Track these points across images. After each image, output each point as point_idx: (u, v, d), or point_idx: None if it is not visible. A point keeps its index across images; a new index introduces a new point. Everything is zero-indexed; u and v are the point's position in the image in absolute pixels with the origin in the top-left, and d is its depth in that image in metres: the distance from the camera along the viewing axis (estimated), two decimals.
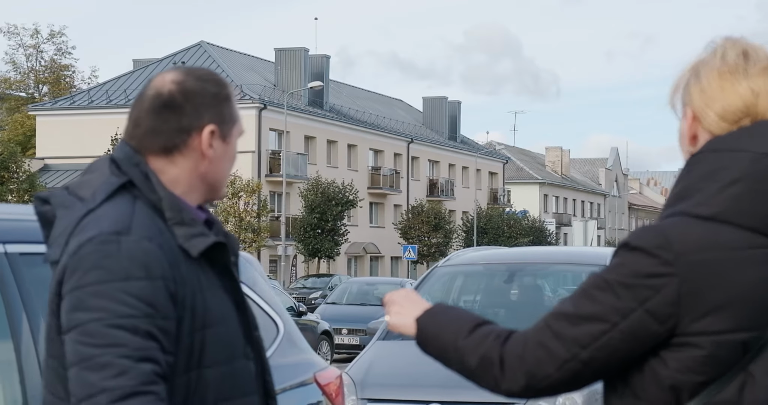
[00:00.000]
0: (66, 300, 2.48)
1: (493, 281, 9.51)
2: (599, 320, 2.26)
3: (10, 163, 46.49)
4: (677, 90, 2.45)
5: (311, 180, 56.12)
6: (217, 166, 2.73)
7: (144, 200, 2.62)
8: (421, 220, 63.25)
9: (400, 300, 2.61)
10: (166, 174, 2.68)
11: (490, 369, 2.35)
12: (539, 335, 2.31)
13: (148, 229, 2.54)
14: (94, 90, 61.66)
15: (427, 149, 75.57)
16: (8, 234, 3.50)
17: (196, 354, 2.57)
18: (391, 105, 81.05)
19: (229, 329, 2.66)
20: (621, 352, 2.27)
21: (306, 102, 64.05)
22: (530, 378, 2.30)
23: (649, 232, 2.29)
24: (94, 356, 2.40)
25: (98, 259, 2.46)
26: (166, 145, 2.67)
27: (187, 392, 2.56)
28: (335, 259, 58.55)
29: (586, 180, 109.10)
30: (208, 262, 2.66)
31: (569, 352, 2.27)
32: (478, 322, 2.44)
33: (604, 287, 2.28)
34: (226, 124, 2.72)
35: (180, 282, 2.54)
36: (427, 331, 2.49)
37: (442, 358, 2.46)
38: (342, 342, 24.07)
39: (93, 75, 71.41)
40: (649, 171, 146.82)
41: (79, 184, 2.67)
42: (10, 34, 68.10)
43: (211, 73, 2.77)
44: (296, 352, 4.98)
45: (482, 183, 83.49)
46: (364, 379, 8.03)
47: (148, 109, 2.68)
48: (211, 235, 2.67)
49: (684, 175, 2.38)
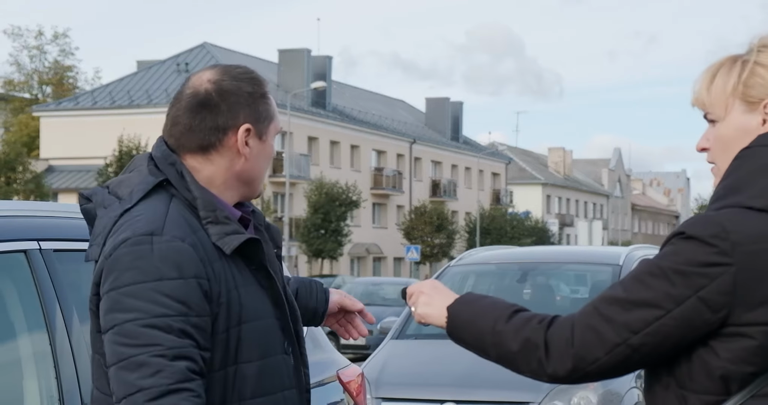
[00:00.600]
0: (103, 301, 2.54)
1: (505, 281, 9.53)
2: (652, 306, 2.29)
3: (16, 164, 46.55)
4: (733, 87, 2.45)
5: (314, 181, 56.13)
6: (254, 165, 2.77)
7: (180, 198, 2.67)
8: (424, 220, 63.24)
9: (428, 290, 2.63)
10: (202, 172, 2.72)
11: (534, 352, 2.37)
12: (588, 319, 2.34)
13: (181, 229, 2.58)
14: (98, 91, 61.66)
15: (429, 150, 75.58)
16: (43, 231, 3.53)
17: (233, 350, 2.61)
18: (394, 106, 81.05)
19: (266, 325, 2.70)
20: (672, 339, 2.29)
21: (309, 103, 64.07)
22: (579, 361, 2.33)
23: (705, 221, 2.32)
24: (131, 356, 2.46)
25: (132, 261, 2.52)
26: (202, 143, 2.72)
27: (224, 387, 2.61)
28: (338, 260, 58.55)
29: (589, 181, 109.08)
30: (243, 259, 2.69)
31: (620, 336, 2.30)
32: (516, 308, 2.48)
33: (658, 274, 2.31)
34: (261, 122, 2.76)
35: (214, 279, 2.58)
36: (461, 318, 2.51)
37: (478, 344, 2.48)
38: (348, 342, 24.05)
39: (96, 76, 71.29)
40: (651, 171, 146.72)
41: (118, 182, 2.72)
42: (14, 36, 68.11)
43: (247, 72, 2.80)
44: (318, 351, 5.00)
45: (485, 184, 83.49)
46: (379, 377, 8.05)
47: (185, 107, 2.72)
48: (245, 232, 2.69)
49: (735, 169, 2.41)
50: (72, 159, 57.54)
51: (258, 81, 2.79)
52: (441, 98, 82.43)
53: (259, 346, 2.66)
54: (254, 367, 2.65)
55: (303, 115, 61.05)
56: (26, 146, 57.82)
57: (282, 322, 2.76)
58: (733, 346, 2.28)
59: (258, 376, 2.65)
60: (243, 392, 2.63)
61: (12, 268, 3.42)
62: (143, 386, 2.43)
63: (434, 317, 2.58)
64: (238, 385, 2.62)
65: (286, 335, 2.76)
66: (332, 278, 46.31)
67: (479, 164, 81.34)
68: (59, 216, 3.69)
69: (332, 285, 42.46)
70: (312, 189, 54.99)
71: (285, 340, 2.76)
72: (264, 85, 2.80)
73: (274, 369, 2.70)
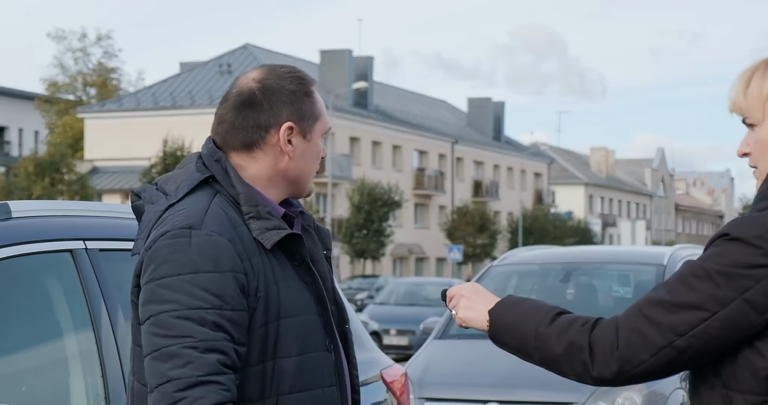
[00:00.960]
0: (142, 292, 2.58)
1: (548, 281, 9.49)
2: (697, 308, 2.28)
3: (61, 166, 46.94)
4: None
5: (357, 181, 56.20)
6: (299, 163, 2.78)
7: (224, 194, 2.71)
8: (467, 221, 63.17)
9: (469, 294, 2.63)
10: (247, 170, 2.75)
11: (579, 355, 2.37)
12: (633, 321, 2.34)
13: (221, 223, 2.61)
14: (141, 92, 62.05)
15: (471, 150, 75.48)
16: (88, 231, 3.57)
17: (271, 344, 2.63)
18: (436, 106, 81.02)
19: (307, 321, 2.70)
20: (717, 341, 2.29)
21: (350, 103, 64.16)
22: (624, 363, 2.33)
23: (749, 223, 2.31)
24: (164, 346, 2.49)
25: (169, 253, 2.55)
26: (246, 141, 2.75)
27: (262, 382, 2.62)
28: (380, 260, 58.59)
29: (632, 180, 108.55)
30: (285, 254, 2.71)
31: (665, 338, 2.30)
32: (558, 311, 2.47)
33: (703, 276, 2.30)
34: (305, 121, 2.78)
35: (252, 274, 2.60)
36: (503, 321, 2.50)
37: (521, 348, 2.48)
38: (391, 343, 24.05)
39: (140, 78, 71.77)
40: (695, 171, 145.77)
41: (166, 179, 2.77)
42: (58, 39, 68.54)
43: (293, 71, 2.82)
44: (362, 350, 5.00)
45: (527, 184, 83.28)
46: (422, 378, 8.04)
47: (231, 106, 2.77)
48: (287, 228, 2.71)
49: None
50: (116, 160, 57.91)
51: (303, 79, 2.81)
52: (483, 98, 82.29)
53: (298, 341, 2.66)
54: (293, 363, 2.65)
55: (345, 116, 61.15)
56: (71, 148, 58.26)
57: (324, 319, 2.76)
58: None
59: (297, 372, 2.66)
60: (281, 387, 2.64)
61: (58, 268, 3.46)
62: (173, 376, 2.46)
63: (476, 321, 2.59)
64: (277, 379, 2.63)
65: (328, 332, 2.77)
66: (374, 278, 46.37)
67: (521, 164, 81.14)
68: (105, 216, 3.73)
69: (375, 285, 42.49)
70: (354, 189, 55.05)
71: (327, 337, 2.76)
72: (309, 84, 2.82)
73: (314, 365, 2.70)
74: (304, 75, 2.83)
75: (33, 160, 47.21)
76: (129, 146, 57.40)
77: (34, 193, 44.72)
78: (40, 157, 48.25)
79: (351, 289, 44.28)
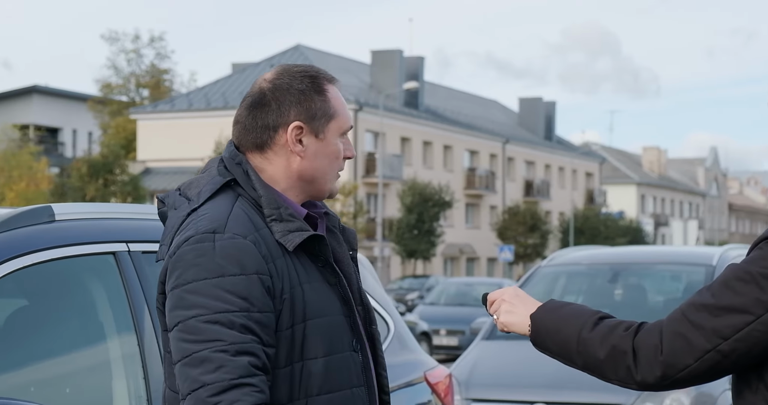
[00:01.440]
0: (168, 298, 2.57)
1: (596, 281, 9.44)
2: (742, 312, 2.26)
3: (114, 166, 47.29)
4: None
5: (408, 181, 56.17)
6: (312, 163, 2.74)
7: (246, 197, 2.69)
8: (518, 221, 62.96)
9: (510, 298, 2.60)
10: (265, 171, 2.74)
11: (622, 360, 2.34)
12: (677, 326, 2.31)
13: (244, 226, 2.60)
14: (194, 93, 62.38)
15: (522, 150, 75.21)
16: (131, 233, 3.58)
17: (298, 346, 2.61)
18: (487, 106, 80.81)
19: (333, 321, 2.69)
20: (762, 345, 2.26)
21: (401, 103, 64.13)
22: (668, 368, 2.30)
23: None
24: (194, 352, 2.48)
25: (194, 258, 2.54)
26: (257, 142, 2.74)
27: (291, 384, 2.61)
28: (431, 260, 58.53)
29: (685, 180, 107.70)
30: (309, 256, 2.69)
31: (710, 342, 2.27)
32: (601, 315, 2.44)
33: (748, 279, 2.27)
34: (316, 120, 2.73)
35: (276, 276, 2.59)
36: (545, 326, 2.48)
37: (563, 353, 2.45)
38: (440, 343, 24.01)
39: (192, 79, 72.07)
40: (749, 170, 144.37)
41: (189, 184, 2.76)
42: (111, 40, 69.06)
43: (306, 70, 2.78)
44: (406, 352, 5.01)
45: (578, 183, 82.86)
46: (469, 378, 8.03)
47: (244, 107, 2.77)
48: (309, 229, 2.68)
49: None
50: (168, 161, 58.28)
51: (315, 78, 2.77)
52: (534, 98, 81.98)
53: (325, 342, 2.65)
54: (320, 364, 2.64)
55: (396, 116, 61.13)
56: (123, 148, 58.69)
57: (350, 320, 2.74)
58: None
59: (324, 373, 2.64)
60: (310, 388, 2.62)
61: (101, 270, 3.48)
62: (206, 382, 2.45)
63: (517, 325, 2.56)
64: (305, 381, 2.62)
65: (355, 333, 2.75)
66: (425, 279, 46.32)
67: (572, 164, 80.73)
68: (147, 218, 3.74)
69: (425, 285, 42.46)
70: (405, 189, 55.02)
71: (353, 337, 2.74)
72: (323, 82, 2.77)
73: (341, 366, 2.69)
74: (319, 73, 2.79)
75: (86, 161, 47.62)
76: (181, 147, 57.73)
77: (88, 194, 45.11)
78: (94, 158, 48.68)
79: (402, 289, 44.26)
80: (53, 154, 67.58)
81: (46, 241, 3.30)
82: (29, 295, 3.43)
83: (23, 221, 3.29)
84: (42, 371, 3.40)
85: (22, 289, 3.36)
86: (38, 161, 50.98)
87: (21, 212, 3.33)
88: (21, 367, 3.33)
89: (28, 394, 3.22)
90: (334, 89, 2.79)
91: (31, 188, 46.88)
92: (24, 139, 59.24)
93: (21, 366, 3.33)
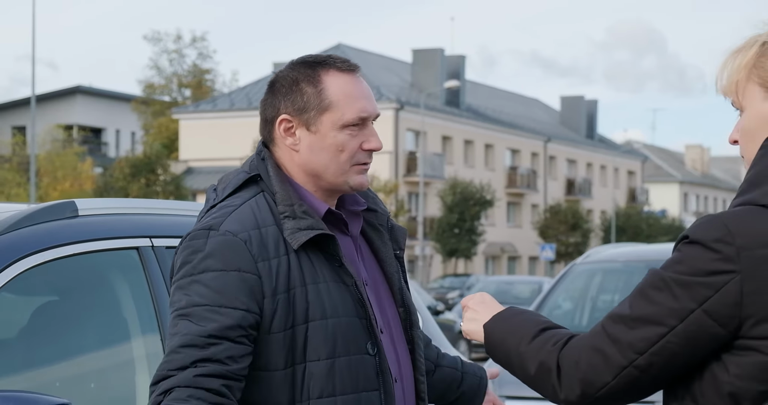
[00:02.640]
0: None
1: (632, 279, 9.37)
2: (656, 323, 2.08)
3: (156, 166, 47.55)
4: (748, 72, 2.21)
5: (449, 180, 56.13)
6: (310, 157, 2.67)
7: (268, 193, 2.67)
8: (559, 219, 62.76)
9: (474, 305, 2.43)
10: (284, 166, 2.71)
11: (548, 376, 2.18)
12: (596, 340, 2.13)
13: (241, 223, 2.57)
14: (235, 93, 62.62)
15: (564, 148, 74.97)
16: (155, 228, 3.59)
17: (299, 348, 2.56)
18: (528, 104, 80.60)
19: (344, 323, 2.60)
20: (680, 357, 2.08)
21: (443, 102, 64.09)
22: (586, 386, 2.13)
23: (710, 223, 2.09)
24: (168, 345, 2.50)
25: (187, 255, 2.57)
26: (265, 136, 2.73)
27: (292, 386, 2.56)
28: (472, 259, 58.46)
29: (728, 178, 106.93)
30: (325, 255, 2.62)
31: (626, 358, 2.09)
32: (543, 327, 2.26)
33: (661, 287, 2.09)
34: (306, 112, 2.65)
35: (267, 275, 2.54)
36: (494, 337, 2.31)
37: (507, 365, 2.30)
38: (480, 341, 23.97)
39: (234, 78, 72.36)
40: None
41: (222, 179, 2.76)
42: (154, 40, 69.45)
43: (306, 59, 2.71)
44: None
45: (620, 182, 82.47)
46: (502, 375, 7.98)
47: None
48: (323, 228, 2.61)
49: (757, 161, 2.17)
50: (210, 160, 58.53)
51: (310, 68, 2.68)
52: (576, 96, 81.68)
53: (329, 344, 2.57)
54: (323, 366, 2.56)
55: (437, 115, 61.09)
56: (166, 148, 59.02)
57: (366, 322, 2.64)
58: (743, 360, 2.05)
59: (328, 376, 2.57)
60: (312, 391, 2.56)
61: (125, 265, 3.48)
62: (168, 376, 2.46)
63: (476, 334, 2.39)
64: (307, 383, 2.56)
65: (371, 336, 2.65)
66: (466, 277, 46.30)
67: (614, 162, 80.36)
68: (172, 213, 3.75)
69: (466, 284, 42.44)
70: (446, 188, 54.98)
71: (369, 340, 2.64)
72: (320, 72, 2.67)
73: (350, 369, 2.59)
74: (322, 61, 2.69)
75: (129, 161, 47.91)
76: (223, 147, 57.96)
77: (131, 193, 45.35)
78: (136, 157, 48.96)
79: (443, 287, 44.29)
80: (97, 154, 68.04)
81: (70, 236, 3.30)
82: (53, 290, 3.45)
83: (47, 216, 3.30)
84: (66, 366, 3.40)
85: (45, 283, 3.37)
86: (83, 161, 51.37)
87: (45, 207, 3.35)
88: (45, 362, 3.34)
89: (53, 389, 3.23)
90: (339, 78, 2.67)
91: (74, 188, 47.21)
92: (68, 139, 59.70)
93: (45, 361, 3.34)
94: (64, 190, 46.86)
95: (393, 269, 2.78)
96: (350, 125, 2.66)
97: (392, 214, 50.85)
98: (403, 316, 2.79)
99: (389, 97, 57.65)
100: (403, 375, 2.75)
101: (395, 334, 2.77)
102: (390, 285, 2.78)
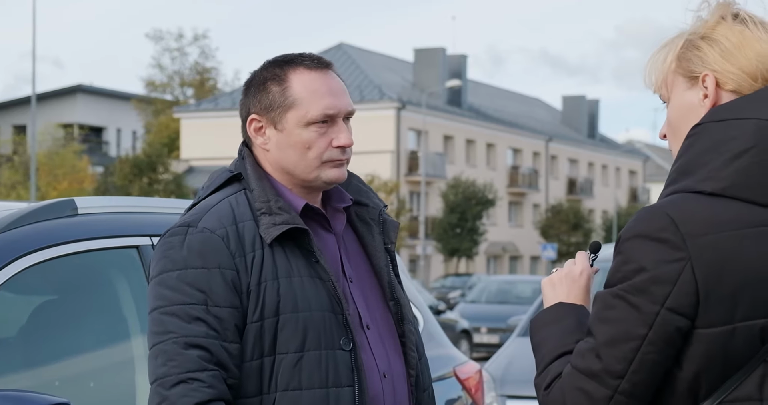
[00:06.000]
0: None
1: None
2: (624, 340, 2.01)
3: (157, 165, 47.55)
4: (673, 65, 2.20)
5: (451, 180, 56.14)
6: (280, 155, 2.71)
7: (249, 190, 2.70)
8: (561, 219, 62.78)
9: (559, 278, 2.34)
10: (261, 163, 2.76)
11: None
12: (573, 380, 2.06)
13: (218, 220, 2.60)
14: (237, 92, 62.53)
15: (566, 148, 74.98)
16: (155, 227, 3.57)
17: (269, 340, 2.57)
18: (530, 104, 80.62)
19: (317, 317, 2.60)
20: (662, 366, 2.02)
21: (444, 101, 64.08)
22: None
23: (649, 215, 2.04)
24: (154, 344, 2.52)
25: (164, 251, 2.59)
26: (243, 136, 2.80)
27: (260, 378, 2.57)
28: (474, 259, 58.46)
29: None
30: (301, 250, 2.64)
31: (608, 387, 2.02)
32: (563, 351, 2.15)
33: (615, 304, 2.03)
34: (272, 110, 2.69)
35: (244, 270, 2.57)
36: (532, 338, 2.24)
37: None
38: (481, 340, 23.98)
39: (236, 77, 72.33)
40: None
41: (208, 177, 2.81)
42: (155, 39, 69.39)
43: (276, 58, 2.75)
44: (434, 346, 4.98)
45: (622, 181, 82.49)
46: (504, 375, 8.00)
47: None
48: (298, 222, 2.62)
49: (685, 150, 2.12)
50: (211, 159, 58.48)
51: (276, 67, 2.71)
52: (577, 96, 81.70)
53: (299, 338, 2.58)
54: (291, 359, 2.57)
55: (438, 114, 61.08)
56: (167, 147, 58.99)
57: (341, 317, 2.63)
58: (695, 351, 2.02)
59: (298, 368, 2.57)
60: (280, 383, 2.57)
61: (124, 264, 3.48)
62: (158, 375, 2.48)
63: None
64: (275, 375, 2.57)
65: (347, 331, 2.64)
66: (467, 277, 46.31)
67: (616, 162, 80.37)
68: (172, 212, 3.73)
69: (468, 283, 42.43)
70: (448, 188, 54.99)
71: (344, 335, 2.63)
72: (286, 70, 2.70)
73: (320, 364, 2.59)
74: (285, 60, 2.72)
75: (130, 160, 47.90)
76: (224, 146, 57.84)
77: (132, 192, 45.36)
78: (137, 157, 48.94)
79: (444, 287, 44.32)
80: (97, 153, 68.07)
81: (69, 234, 3.30)
82: (52, 288, 3.44)
83: (46, 214, 3.30)
84: (66, 365, 3.39)
85: (45, 281, 3.36)
86: (81, 160, 51.34)
87: (44, 205, 3.34)
88: (45, 361, 3.33)
89: (52, 388, 3.22)
90: (306, 76, 2.70)
91: (74, 187, 47.20)
92: (68, 138, 59.66)
93: (45, 360, 3.33)
94: (63, 189, 46.85)
95: (382, 263, 2.78)
96: (316, 122, 2.67)
97: (394, 214, 50.88)
98: (394, 309, 2.80)
99: (391, 96, 57.63)
100: (393, 370, 2.74)
101: (385, 329, 2.77)
102: (379, 279, 2.79)
